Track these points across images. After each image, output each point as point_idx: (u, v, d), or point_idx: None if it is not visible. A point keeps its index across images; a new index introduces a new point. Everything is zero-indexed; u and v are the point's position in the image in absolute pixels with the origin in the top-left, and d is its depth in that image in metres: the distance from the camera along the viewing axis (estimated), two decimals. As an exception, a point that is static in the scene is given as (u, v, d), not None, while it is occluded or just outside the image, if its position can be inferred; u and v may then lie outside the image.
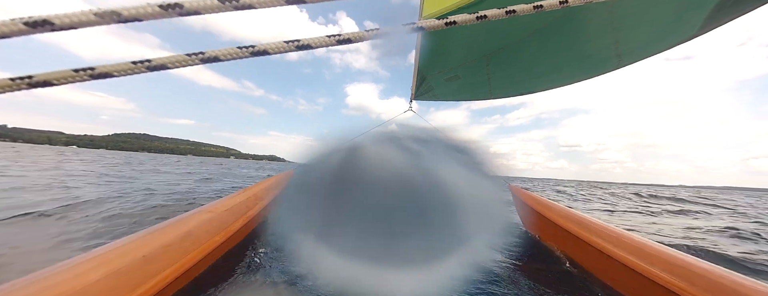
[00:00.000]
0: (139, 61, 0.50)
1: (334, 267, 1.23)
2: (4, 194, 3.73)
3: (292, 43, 0.56)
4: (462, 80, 3.78)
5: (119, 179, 6.23)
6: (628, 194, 12.24)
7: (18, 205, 3.09)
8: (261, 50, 0.54)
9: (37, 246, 1.95)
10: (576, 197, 9.92)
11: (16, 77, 0.48)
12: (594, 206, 7.09)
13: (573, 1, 0.72)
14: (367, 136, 1.40)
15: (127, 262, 1.02)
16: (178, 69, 0.50)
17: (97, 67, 0.49)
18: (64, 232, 2.30)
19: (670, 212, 6.32)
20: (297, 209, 1.48)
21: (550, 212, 2.21)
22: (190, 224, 1.38)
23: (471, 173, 1.37)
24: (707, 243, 3.27)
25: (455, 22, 0.63)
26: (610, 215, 5.76)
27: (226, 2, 0.47)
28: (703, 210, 7.00)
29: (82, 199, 3.63)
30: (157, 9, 0.44)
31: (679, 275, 1.30)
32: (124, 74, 0.49)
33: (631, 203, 8.46)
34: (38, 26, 0.42)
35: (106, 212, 3.05)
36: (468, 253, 1.28)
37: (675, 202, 9.12)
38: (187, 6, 0.45)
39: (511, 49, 3.15)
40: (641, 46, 2.70)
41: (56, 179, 5.59)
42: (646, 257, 1.46)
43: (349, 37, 0.59)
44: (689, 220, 5.36)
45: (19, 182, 4.85)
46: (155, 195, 4.40)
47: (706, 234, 3.87)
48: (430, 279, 1.21)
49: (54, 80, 0.49)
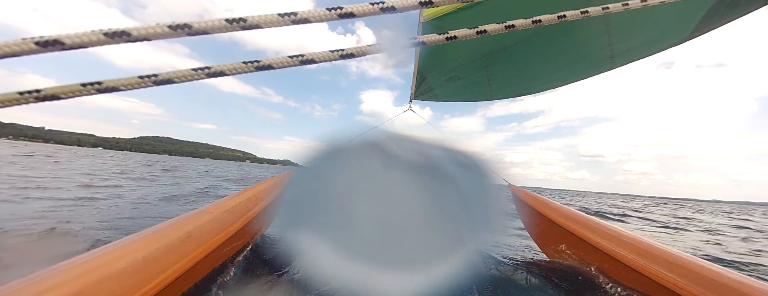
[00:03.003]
0: (145, 75, 0.50)
1: (334, 267, 1.26)
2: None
3: (296, 58, 0.57)
4: (462, 80, 3.79)
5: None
6: (708, 211, 10.35)
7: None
8: (265, 65, 0.55)
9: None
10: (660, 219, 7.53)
11: (24, 91, 0.49)
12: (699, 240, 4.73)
13: (570, 16, 0.73)
14: (364, 137, 1.41)
15: (126, 263, 1.03)
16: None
17: (104, 82, 0.50)
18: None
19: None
20: (296, 210, 1.50)
21: (551, 211, 2.22)
22: (190, 224, 1.39)
23: (464, 175, 1.39)
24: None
25: (456, 37, 0.65)
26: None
27: (233, 23, 0.47)
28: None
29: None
30: (166, 29, 0.45)
31: (680, 274, 1.30)
32: (131, 88, 0.50)
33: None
34: (49, 45, 0.42)
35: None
36: (467, 253, 1.30)
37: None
38: (195, 26, 0.46)
39: (509, 50, 3.17)
40: (634, 49, 2.76)
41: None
42: (647, 256, 1.47)
43: (351, 51, 0.60)
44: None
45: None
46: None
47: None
48: (430, 279, 1.24)
49: (61, 94, 0.50)
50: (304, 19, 0.51)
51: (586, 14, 0.80)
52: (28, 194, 3.84)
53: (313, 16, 0.56)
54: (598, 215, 6.70)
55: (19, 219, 2.60)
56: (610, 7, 0.81)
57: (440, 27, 2.74)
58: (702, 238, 4.91)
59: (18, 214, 2.78)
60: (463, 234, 1.32)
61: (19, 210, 2.95)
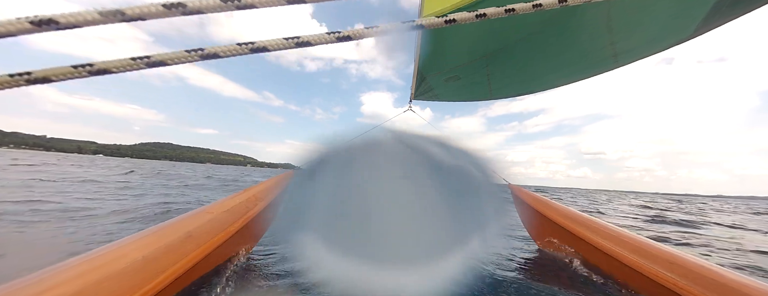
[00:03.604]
0: (138, 57, 0.49)
1: (334, 267, 1.23)
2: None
3: (291, 40, 0.55)
4: (462, 80, 3.79)
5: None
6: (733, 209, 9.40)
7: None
8: (260, 47, 0.54)
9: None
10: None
11: (15, 74, 0.48)
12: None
13: (572, 1, 0.72)
14: (364, 137, 1.40)
15: (127, 263, 1.02)
16: (204, 82, 0.50)
17: (96, 64, 0.49)
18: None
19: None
20: (296, 210, 1.48)
21: (550, 211, 2.21)
22: (190, 225, 1.38)
23: (464, 172, 1.38)
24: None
25: (455, 20, 0.63)
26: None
27: (228, 2, 0.47)
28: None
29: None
30: (160, 8, 0.44)
31: (680, 274, 1.30)
32: (123, 70, 0.49)
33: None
34: (43, 25, 0.42)
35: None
36: (465, 253, 1.28)
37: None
38: (190, 5, 0.45)
39: (509, 50, 3.16)
40: (637, 47, 2.74)
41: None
42: (647, 256, 1.47)
43: (349, 34, 0.59)
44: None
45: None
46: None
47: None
48: (429, 279, 1.21)
49: (52, 76, 0.49)
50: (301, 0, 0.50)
51: (586, 0, 0.79)
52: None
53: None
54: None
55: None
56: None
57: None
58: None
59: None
60: (463, 232, 1.30)
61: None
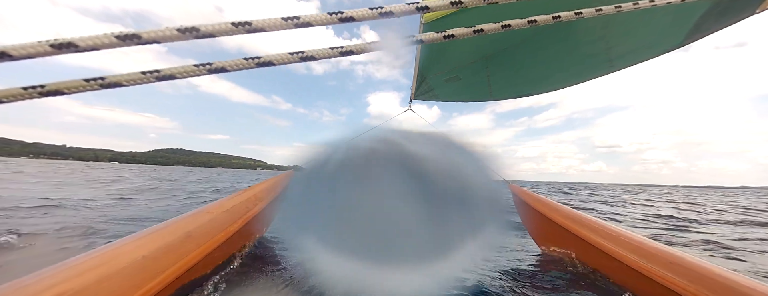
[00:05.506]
0: (148, 71, 0.51)
1: (333, 266, 1.26)
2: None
3: (296, 54, 0.58)
4: (462, 81, 3.82)
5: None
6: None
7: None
8: (266, 61, 0.56)
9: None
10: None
11: (28, 87, 0.50)
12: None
13: (565, 16, 0.75)
14: (365, 137, 1.41)
15: (127, 262, 1.03)
16: (215, 88, 0.52)
17: (107, 77, 0.51)
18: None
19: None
20: (296, 210, 1.50)
21: (551, 211, 2.22)
22: (190, 224, 1.39)
23: (465, 171, 1.39)
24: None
25: (453, 36, 0.66)
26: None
27: (239, 26, 0.49)
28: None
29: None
30: (175, 32, 0.46)
31: (680, 274, 1.30)
32: (133, 83, 0.51)
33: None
34: (63, 48, 0.44)
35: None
36: (464, 253, 1.30)
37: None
38: (202, 30, 0.47)
39: (509, 52, 3.20)
40: (631, 53, 2.83)
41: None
42: (647, 256, 1.47)
43: (351, 48, 0.61)
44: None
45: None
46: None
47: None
48: (428, 279, 1.23)
49: (65, 89, 0.51)
50: (307, 23, 0.52)
51: (580, 16, 0.82)
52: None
53: (315, 20, 0.57)
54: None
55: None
56: (603, 9, 0.82)
57: (440, 28, 2.76)
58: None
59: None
60: (463, 232, 1.32)
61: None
